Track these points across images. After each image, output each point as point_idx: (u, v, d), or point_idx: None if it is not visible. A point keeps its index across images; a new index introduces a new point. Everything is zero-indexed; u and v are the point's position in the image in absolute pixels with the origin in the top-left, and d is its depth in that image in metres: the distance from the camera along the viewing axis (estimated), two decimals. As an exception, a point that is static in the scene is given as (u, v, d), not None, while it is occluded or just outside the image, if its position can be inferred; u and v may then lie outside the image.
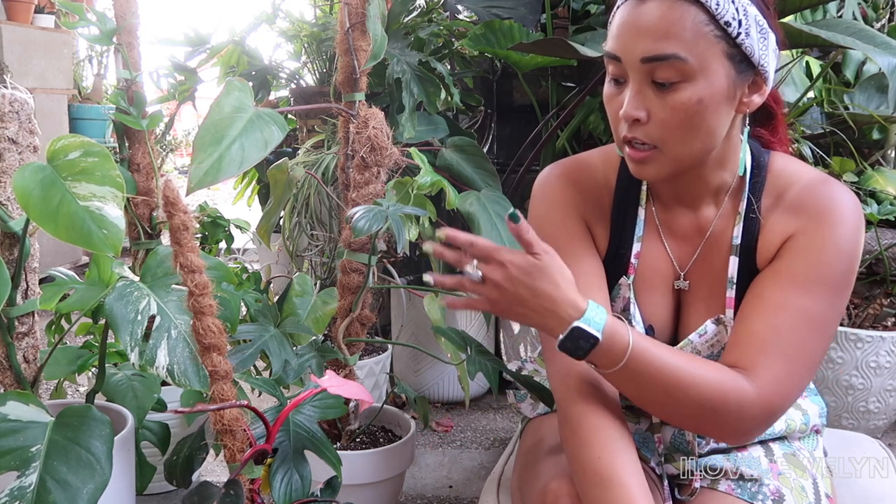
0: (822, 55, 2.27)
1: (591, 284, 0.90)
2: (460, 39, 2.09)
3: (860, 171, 2.00)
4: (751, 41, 0.78)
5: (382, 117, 1.34)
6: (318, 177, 1.85)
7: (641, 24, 0.77)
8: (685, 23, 0.76)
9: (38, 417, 0.94)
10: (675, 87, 0.77)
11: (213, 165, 0.98)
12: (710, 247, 0.92)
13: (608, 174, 0.95)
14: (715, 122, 0.80)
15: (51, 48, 3.41)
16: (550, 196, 0.94)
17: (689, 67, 0.76)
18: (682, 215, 0.93)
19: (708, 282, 0.92)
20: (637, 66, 0.79)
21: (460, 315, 2.10)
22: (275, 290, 2.19)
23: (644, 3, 0.78)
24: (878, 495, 1.05)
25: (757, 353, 0.81)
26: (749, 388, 0.79)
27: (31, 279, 1.12)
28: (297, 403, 1.00)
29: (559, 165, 0.97)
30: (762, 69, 0.80)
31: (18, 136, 1.08)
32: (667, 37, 0.76)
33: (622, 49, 0.79)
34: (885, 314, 1.85)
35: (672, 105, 0.78)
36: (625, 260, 0.94)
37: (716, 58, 0.77)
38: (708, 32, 0.76)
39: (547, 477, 0.90)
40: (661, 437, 0.98)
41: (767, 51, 0.80)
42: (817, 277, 0.82)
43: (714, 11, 0.76)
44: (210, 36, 2.03)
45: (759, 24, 0.78)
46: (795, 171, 0.89)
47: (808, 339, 0.82)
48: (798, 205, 0.86)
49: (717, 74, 0.78)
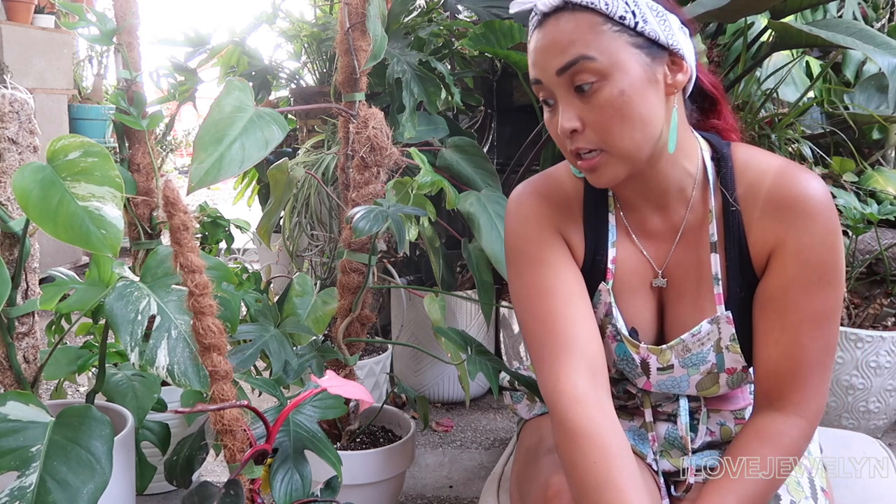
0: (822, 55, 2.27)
1: (571, 292, 0.91)
2: (460, 39, 2.09)
3: (860, 171, 2.01)
4: (651, 26, 0.81)
5: (382, 117, 1.34)
6: (318, 177, 1.85)
7: (547, 43, 0.82)
8: (583, 28, 0.80)
9: (38, 417, 0.94)
10: (595, 88, 0.80)
11: (214, 165, 0.98)
12: (686, 244, 0.93)
13: (576, 185, 0.97)
14: (646, 109, 0.82)
15: (51, 48, 3.41)
16: (524, 212, 0.96)
17: (600, 65, 0.80)
18: (652, 215, 0.94)
19: (691, 279, 0.93)
20: (556, 81, 0.82)
21: (460, 315, 2.10)
22: (275, 290, 2.19)
23: (545, 27, 0.83)
24: (878, 495, 1.05)
25: (793, 378, 0.87)
26: (799, 421, 0.87)
27: (32, 279, 1.12)
28: (298, 403, 1.00)
29: (529, 182, 0.99)
30: (674, 48, 0.83)
31: (18, 136, 1.08)
32: (571, 45, 0.80)
33: (539, 71, 0.84)
34: (885, 314, 1.85)
35: (598, 105, 0.81)
36: (602, 266, 0.95)
37: (622, 50, 0.80)
38: (607, 30, 0.80)
39: (548, 472, 0.91)
40: (654, 435, 0.99)
41: (672, 31, 0.83)
42: (818, 278, 0.85)
43: (605, 11, 0.80)
44: (210, 36, 2.03)
45: (653, 8, 0.82)
46: (760, 162, 0.90)
47: (827, 337, 0.87)
48: (777, 204, 0.87)
49: (630, 64, 0.80)
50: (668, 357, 0.93)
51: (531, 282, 0.93)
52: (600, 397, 0.86)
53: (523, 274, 0.94)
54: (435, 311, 1.64)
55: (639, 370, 0.96)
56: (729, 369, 0.93)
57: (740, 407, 1.00)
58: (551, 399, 0.86)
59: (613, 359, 0.97)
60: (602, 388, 0.87)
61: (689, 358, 0.93)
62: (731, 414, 1.00)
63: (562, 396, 0.85)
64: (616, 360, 0.97)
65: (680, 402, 0.98)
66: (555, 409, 0.86)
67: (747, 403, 1.00)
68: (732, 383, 0.95)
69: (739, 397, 1.00)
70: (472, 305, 2.08)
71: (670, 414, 1.01)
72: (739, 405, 1.00)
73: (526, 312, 0.93)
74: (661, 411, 1.01)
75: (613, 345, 0.96)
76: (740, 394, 1.00)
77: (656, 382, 0.96)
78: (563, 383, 0.86)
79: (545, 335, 0.89)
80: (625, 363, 0.96)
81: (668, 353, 0.93)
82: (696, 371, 0.93)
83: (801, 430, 0.87)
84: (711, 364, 0.92)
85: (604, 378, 0.88)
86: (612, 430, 0.83)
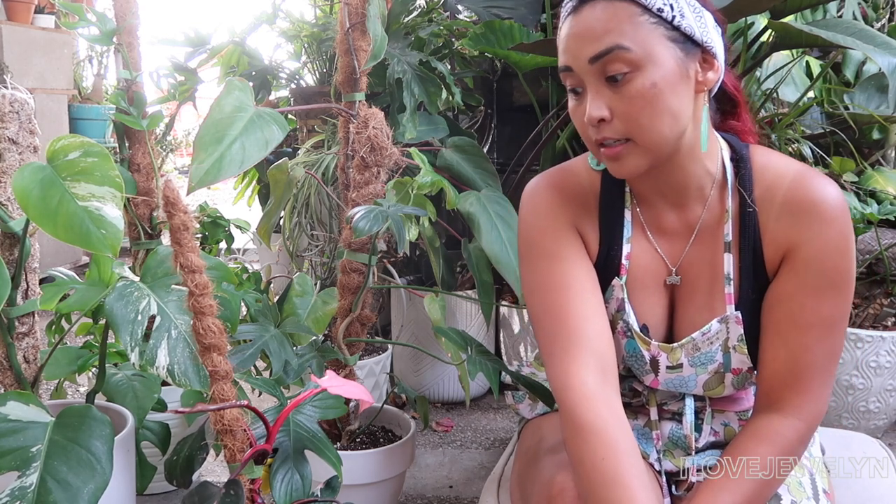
0: (822, 55, 2.27)
1: (584, 288, 0.91)
2: (460, 39, 2.09)
3: (860, 171, 2.00)
4: (687, 21, 0.81)
5: (382, 117, 1.34)
6: (318, 177, 1.85)
7: (582, 30, 0.81)
8: (620, 18, 0.79)
9: (38, 417, 0.94)
10: (628, 78, 0.80)
11: (214, 164, 0.98)
12: (701, 243, 0.93)
13: (592, 179, 0.97)
14: (676, 103, 0.82)
15: (51, 48, 3.41)
16: (540, 205, 0.96)
17: (635, 56, 0.79)
18: (668, 212, 0.94)
19: (704, 278, 0.93)
20: (587, 69, 0.82)
21: (460, 315, 2.10)
22: (275, 290, 2.19)
23: (580, 13, 0.82)
24: (878, 495, 1.05)
25: (796, 381, 0.87)
26: (798, 424, 0.87)
27: (32, 279, 1.12)
28: (298, 403, 0.99)
29: (545, 175, 0.99)
30: (707, 45, 0.83)
31: (18, 136, 1.08)
32: (606, 33, 0.79)
33: (571, 58, 0.83)
34: (885, 314, 1.85)
35: (629, 95, 0.80)
36: (616, 262, 0.95)
37: (658, 42, 0.80)
38: (644, 21, 0.79)
39: (552, 471, 0.91)
40: (658, 434, 0.99)
41: (707, 28, 0.83)
42: (829, 283, 0.85)
43: (644, 2, 0.79)
44: (210, 36, 2.03)
45: (691, 4, 0.82)
46: (778, 165, 0.90)
47: (833, 342, 0.87)
48: (793, 208, 0.87)
49: (664, 57, 0.80)
50: (679, 356, 0.93)
51: (544, 275, 0.93)
52: (609, 394, 0.86)
53: (536, 267, 0.94)
54: (435, 311, 1.64)
55: (647, 367, 0.95)
56: (734, 370, 0.93)
57: (745, 408, 1.00)
58: (560, 394, 0.86)
59: (622, 355, 0.97)
60: (611, 385, 0.87)
61: (698, 357, 0.93)
62: (736, 415, 1.00)
63: (571, 392, 0.85)
64: (625, 357, 0.97)
65: (686, 401, 0.98)
66: (564, 404, 0.86)
67: (751, 405, 1.00)
68: (737, 384, 0.95)
69: (744, 399, 1.00)
70: (472, 305, 2.08)
71: (675, 412, 1.01)
72: (744, 406, 1.00)
73: (538, 306, 0.92)
74: (666, 410, 1.01)
75: (623, 341, 0.96)
76: (745, 395, 1.00)
77: (664, 380, 0.96)
78: (572, 378, 0.86)
79: (557, 330, 0.89)
80: (634, 360, 0.96)
81: (679, 352, 0.93)
82: (703, 370, 0.93)
83: (798, 432, 0.87)
84: (719, 363, 0.93)
85: (613, 375, 0.88)
86: (621, 427, 0.83)
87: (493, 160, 2.28)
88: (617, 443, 0.81)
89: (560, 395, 0.87)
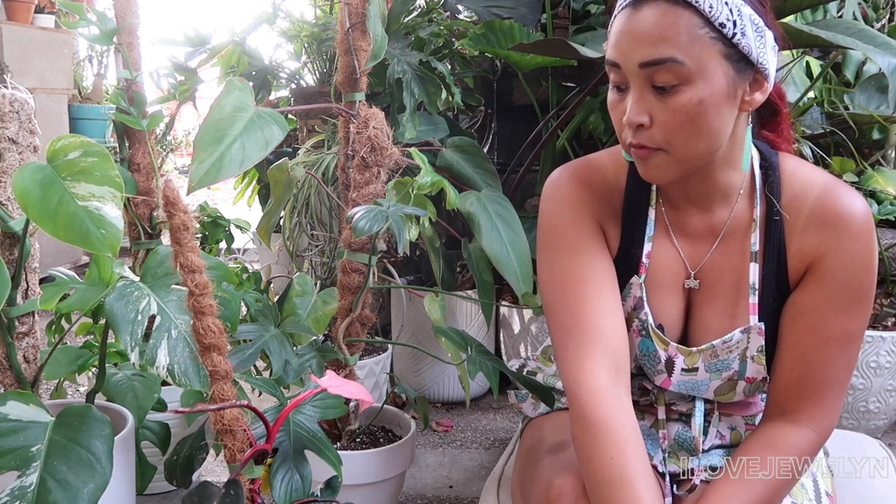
0: (822, 55, 2.27)
1: (602, 283, 0.90)
2: (460, 39, 2.09)
3: (860, 171, 2.00)
4: (747, 40, 0.78)
5: (383, 117, 1.34)
6: (319, 177, 1.85)
7: (637, 30, 0.78)
8: (680, 27, 0.76)
9: (38, 417, 0.94)
10: (675, 90, 0.78)
11: (214, 164, 0.98)
12: (724, 248, 0.92)
13: (618, 175, 0.95)
14: (718, 123, 0.80)
15: (51, 48, 3.41)
16: (563, 196, 0.94)
17: (687, 70, 0.77)
18: (693, 216, 0.93)
19: (725, 285, 0.92)
20: (636, 72, 0.79)
21: (460, 315, 2.10)
22: (275, 290, 2.19)
23: (639, 11, 0.78)
24: (878, 495, 1.05)
25: (812, 393, 0.87)
26: (811, 434, 0.87)
27: (32, 279, 1.12)
28: (298, 403, 0.99)
29: (570, 167, 0.97)
30: (762, 67, 0.80)
31: (18, 136, 1.08)
32: (663, 41, 0.77)
33: (621, 56, 0.80)
34: (885, 314, 1.85)
35: (673, 108, 0.78)
36: (636, 259, 0.94)
37: (713, 59, 0.77)
38: (703, 35, 0.76)
39: (550, 474, 0.91)
40: (665, 434, 0.99)
41: (765, 48, 0.80)
42: (852, 298, 0.85)
43: (708, 14, 0.76)
44: (210, 36, 2.03)
45: (755, 22, 0.79)
46: (807, 175, 0.89)
47: (851, 355, 0.87)
48: (820, 219, 0.86)
49: (716, 75, 0.78)
50: (696, 360, 0.93)
51: (563, 268, 0.91)
52: (621, 392, 0.86)
53: (556, 259, 0.93)
54: (435, 311, 1.64)
55: (661, 367, 0.95)
56: (749, 378, 0.92)
57: (753, 413, 0.99)
58: (572, 389, 0.86)
59: (635, 353, 0.96)
60: (623, 384, 0.87)
61: (714, 363, 0.92)
62: (743, 419, 0.99)
63: (583, 387, 0.85)
64: (638, 356, 0.96)
65: (696, 403, 0.97)
66: (575, 399, 0.85)
67: (759, 410, 0.99)
68: (749, 391, 0.94)
69: (753, 404, 1.00)
70: (472, 305, 2.08)
71: (682, 413, 1.00)
72: (752, 411, 1.00)
73: (554, 299, 0.91)
74: (674, 410, 1.00)
75: (638, 339, 0.95)
76: (754, 400, 1.00)
77: (677, 382, 0.95)
78: (585, 374, 0.85)
79: (572, 324, 0.88)
80: (646, 359, 0.95)
81: (697, 356, 0.92)
82: (717, 377, 0.93)
83: (811, 443, 0.87)
84: (734, 371, 0.92)
85: (626, 373, 0.88)
86: (631, 427, 0.83)
87: (493, 160, 2.28)
88: (626, 442, 0.81)
89: (571, 390, 0.86)
